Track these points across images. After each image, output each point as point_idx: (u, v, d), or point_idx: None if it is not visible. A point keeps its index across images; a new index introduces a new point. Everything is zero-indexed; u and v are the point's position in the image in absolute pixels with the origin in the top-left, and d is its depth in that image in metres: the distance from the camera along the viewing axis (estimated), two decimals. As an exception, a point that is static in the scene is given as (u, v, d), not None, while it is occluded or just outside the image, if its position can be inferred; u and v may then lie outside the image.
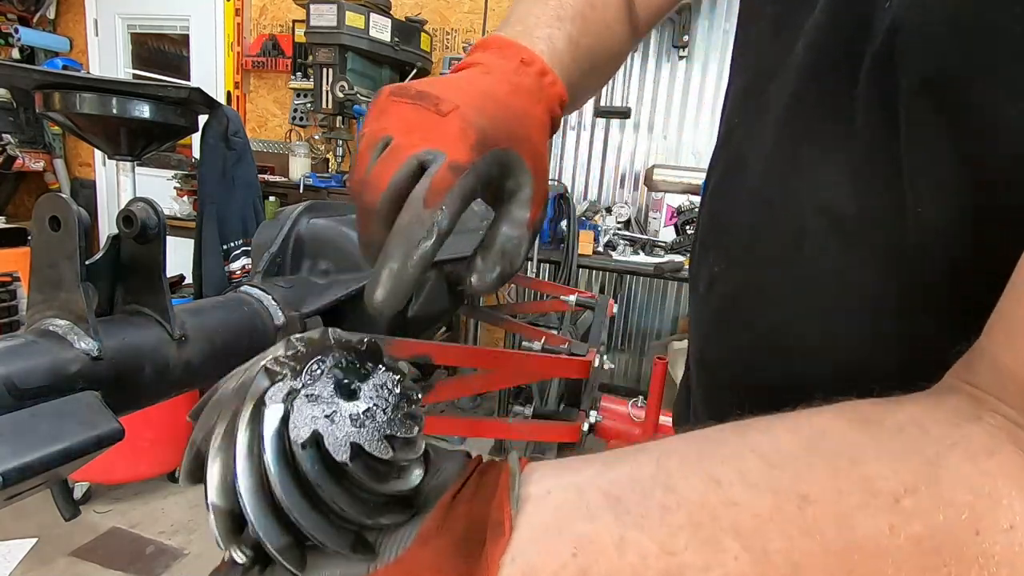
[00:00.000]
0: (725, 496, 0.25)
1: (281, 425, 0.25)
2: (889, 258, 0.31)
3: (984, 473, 0.22)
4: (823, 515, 0.23)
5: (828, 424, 0.26)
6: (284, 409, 0.25)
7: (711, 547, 0.24)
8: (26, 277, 0.64)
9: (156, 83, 1.65)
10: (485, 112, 0.35)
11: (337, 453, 0.25)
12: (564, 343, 0.61)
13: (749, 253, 0.39)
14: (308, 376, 0.27)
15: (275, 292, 0.46)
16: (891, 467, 0.23)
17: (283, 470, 0.25)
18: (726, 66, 2.87)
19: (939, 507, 0.22)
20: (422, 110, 0.35)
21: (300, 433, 0.25)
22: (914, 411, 0.26)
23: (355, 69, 2.74)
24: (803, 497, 0.24)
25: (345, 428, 0.26)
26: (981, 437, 0.23)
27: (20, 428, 0.25)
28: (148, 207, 0.32)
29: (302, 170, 3.12)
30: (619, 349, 3.31)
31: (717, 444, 0.27)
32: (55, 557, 1.89)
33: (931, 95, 0.28)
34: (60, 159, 4.08)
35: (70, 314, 0.30)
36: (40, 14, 3.96)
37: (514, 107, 0.38)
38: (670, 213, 2.74)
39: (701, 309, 0.45)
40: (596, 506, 0.26)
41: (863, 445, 0.24)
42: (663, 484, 0.26)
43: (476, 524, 0.27)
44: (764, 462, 0.25)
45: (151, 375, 0.34)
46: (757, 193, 0.39)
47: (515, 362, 0.54)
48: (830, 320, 0.34)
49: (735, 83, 0.45)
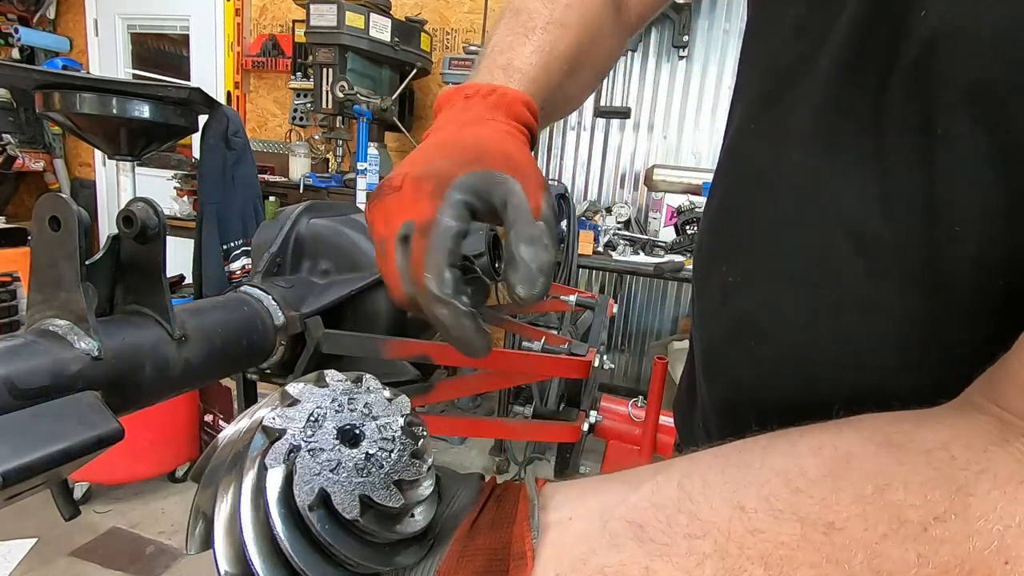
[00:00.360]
0: (750, 524, 0.24)
1: (285, 486, 0.24)
2: (919, 282, 0.30)
3: (1013, 501, 0.22)
4: (850, 543, 0.23)
5: (853, 447, 0.26)
6: (287, 470, 0.25)
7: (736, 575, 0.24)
8: (26, 277, 0.64)
9: (156, 83, 1.65)
10: (431, 159, 0.38)
11: (346, 511, 0.24)
12: (564, 343, 0.61)
13: (769, 270, 0.38)
14: (308, 428, 0.26)
15: (275, 292, 0.46)
16: (919, 494, 0.23)
17: (293, 533, 0.24)
18: (726, 66, 2.88)
19: (968, 536, 0.22)
20: (382, 197, 0.38)
21: (306, 494, 0.24)
22: (940, 432, 0.25)
23: (355, 69, 2.74)
24: (829, 524, 0.23)
25: (352, 480, 0.25)
26: (1010, 464, 0.23)
27: (20, 428, 0.25)
28: (148, 207, 0.32)
29: (302, 170, 3.12)
30: (619, 349, 3.31)
31: (740, 467, 0.27)
32: (55, 557, 1.89)
33: (972, 107, 0.27)
34: (60, 159, 4.08)
35: (70, 314, 0.30)
36: (40, 14, 3.96)
37: (463, 136, 0.40)
38: (670, 213, 2.73)
39: (712, 320, 0.44)
40: (619, 534, 0.26)
41: (890, 471, 0.24)
42: (687, 511, 0.26)
43: (497, 556, 0.27)
44: (789, 488, 0.25)
45: (151, 375, 0.34)
46: (779, 210, 0.38)
47: (515, 362, 0.54)
48: (855, 342, 0.33)
49: (749, 87, 0.44)
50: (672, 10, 2.85)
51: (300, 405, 0.27)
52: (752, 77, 0.44)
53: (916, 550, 0.22)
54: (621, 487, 0.29)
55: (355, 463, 0.26)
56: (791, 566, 0.23)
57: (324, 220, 0.55)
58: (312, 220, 0.55)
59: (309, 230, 0.55)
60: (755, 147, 0.41)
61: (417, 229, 0.34)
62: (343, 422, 0.27)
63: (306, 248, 0.55)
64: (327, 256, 0.54)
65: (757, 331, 0.39)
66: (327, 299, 0.50)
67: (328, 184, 2.97)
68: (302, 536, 0.24)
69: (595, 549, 0.26)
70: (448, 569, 0.26)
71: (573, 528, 0.27)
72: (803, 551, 0.23)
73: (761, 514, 0.24)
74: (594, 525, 0.27)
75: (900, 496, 0.23)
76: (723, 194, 0.45)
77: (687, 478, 0.27)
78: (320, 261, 0.55)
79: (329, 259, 0.54)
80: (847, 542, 0.23)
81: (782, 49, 0.40)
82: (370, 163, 2.70)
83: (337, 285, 0.52)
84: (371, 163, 2.74)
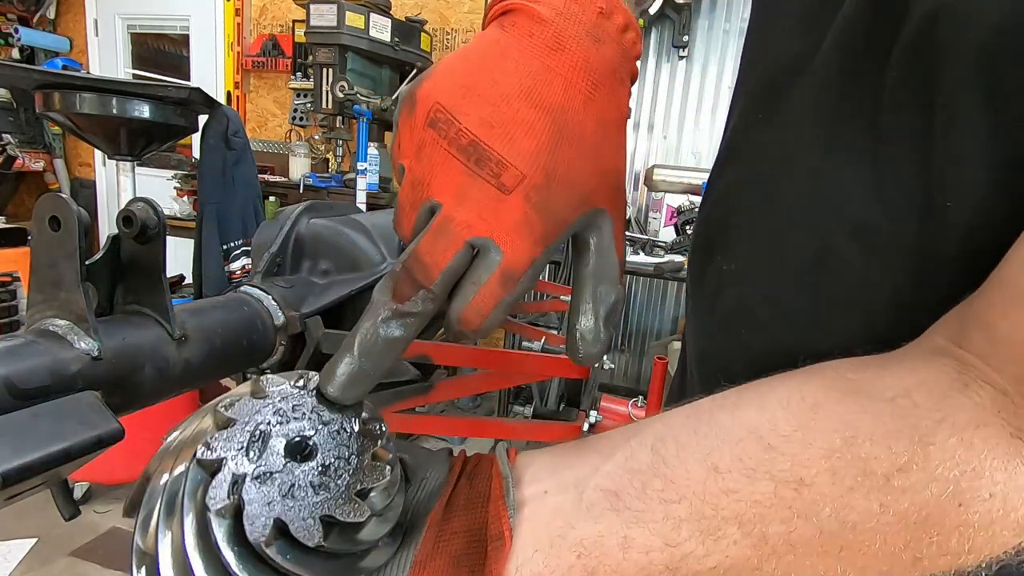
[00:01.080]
0: (725, 484, 0.25)
1: (234, 523, 0.22)
2: (910, 264, 0.31)
3: (969, 448, 0.23)
4: (819, 498, 0.24)
5: (819, 397, 0.26)
6: (232, 505, 0.22)
7: (712, 535, 0.25)
8: (26, 277, 0.64)
9: (156, 83, 1.65)
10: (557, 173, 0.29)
11: (308, 539, 0.22)
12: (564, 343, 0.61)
13: (765, 262, 0.38)
14: (252, 450, 0.23)
15: (275, 292, 0.46)
16: (884, 446, 0.24)
17: (251, 568, 0.22)
18: (726, 66, 2.88)
19: (927, 484, 0.23)
20: (476, 178, 0.28)
21: (260, 530, 0.22)
22: (903, 378, 0.26)
23: (355, 69, 2.74)
24: (800, 481, 0.24)
25: (309, 501, 0.23)
26: (968, 410, 0.24)
27: (20, 428, 0.25)
28: (148, 207, 0.32)
29: (302, 170, 3.12)
30: (619, 349, 3.31)
31: (712, 425, 0.27)
32: (55, 557, 1.89)
33: (975, 79, 0.27)
34: (60, 159, 4.08)
35: (70, 314, 0.30)
36: (40, 14, 3.96)
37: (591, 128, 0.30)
38: (670, 213, 2.73)
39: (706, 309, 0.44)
40: (596, 504, 0.26)
41: (856, 421, 0.25)
42: (662, 475, 0.26)
43: (474, 537, 0.26)
44: (761, 445, 0.26)
45: (151, 375, 0.34)
46: (776, 200, 0.37)
47: (515, 362, 0.54)
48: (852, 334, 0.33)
49: (752, 78, 0.43)
50: (672, 10, 2.85)
51: (238, 425, 0.24)
52: (754, 72, 0.44)
53: (879, 500, 0.24)
54: (594, 455, 0.28)
55: (310, 480, 0.23)
56: (764, 523, 0.24)
57: (324, 220, 0.55)
58: (312, 220, 0.55)
59: (309, 230, 0.55)
60: (755, 139, 0.41)
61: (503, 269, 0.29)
62: (291, 434, 0.24)
63: (306, 248, 0.55)
64: (327, 256, 0.54)
65: (750, 320, 0.39)
66: (327, 299, 0.50)
67: (328, 184, 2.97)
68: (259, 569, 0.22)
69: (572, 522, 0.26)
70: (425, 557, 0.26)
71: (549, 502, 0.27)
72: (775, 508, 0.24)
73: (735, 474, 0.25)
74: (570, 497, 0.27)
75: (866, 449, 0.24)
76: (722, 187, 0.45)
77: (660, 442, 0.27)
78: (320, 261, 0.55)
79: (329, 259, 0.54)
80: (816, 497, 0.24)
81: (785, 44, 0.40)
82: (370, 163, 2.70)
83: (337, 285, 0.52)
84: (371, 163, 2.74)
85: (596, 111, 0.30)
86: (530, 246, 0.29)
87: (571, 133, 0.30)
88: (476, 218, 0.28)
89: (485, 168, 0.28)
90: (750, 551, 0.25)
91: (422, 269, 0.28)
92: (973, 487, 0.23)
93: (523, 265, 0.29)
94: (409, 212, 0.30)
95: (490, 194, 0.28)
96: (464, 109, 0.29)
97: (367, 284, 0.52)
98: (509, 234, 0.28)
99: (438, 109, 0.29)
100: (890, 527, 0.24)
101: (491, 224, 0.28)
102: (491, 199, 0.28)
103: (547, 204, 0.29)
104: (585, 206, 0.31)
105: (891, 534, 0.24)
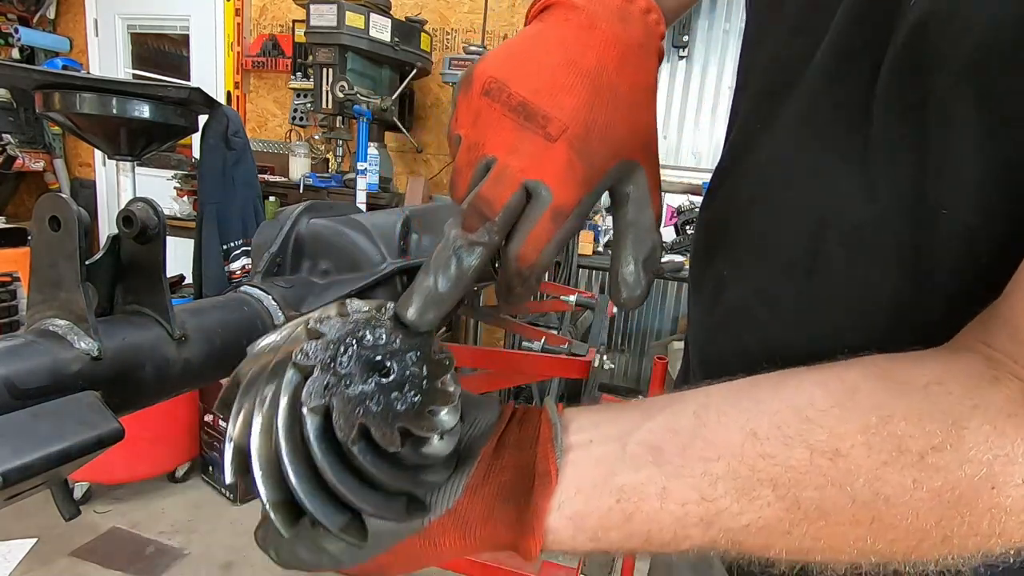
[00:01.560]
0: (762, 449, 0.26)
1: (323, 421, 0.25)
2: (909, 265, 0.31)
3: (1002, 435, 0.24)
4: (854, 468, 0.25)
5: (858, 381, 0.28)
6: (323, 406, 0.25)
7: (747, 495, 0.26)
8: (26, 277, 0.64)
9: (156, 83, 1.65)
10: (595, 126, 0.33)
11: (386, 444, 0.25)
12: (564, 343, 0.61)
13: (761, 262, 0.39)
14: (339, 364, 0.26)
15: (275, 292, 0.46)
16: (918, 426, 0.25)
17: (334, 462, 0.25)
18: (726, 66, 2.88)
19: (960, 465, 0.24)
20: (526, 132, 0.33)
21: (346, 429, 0.25)
22: (936, 370, 0.27)
23: (355, 69, 2.74)
24: (836, 451, 0.25)
25: (388, 411, 0.26)
26: (1000, 400, 0.25)
27: (20, 428, 0.25)
28: (148, 207, 0.32)
29: (302, 170, 3.12)
30: (619, 349, 3.31)
31: (752, 399, 0.29)
32: (55, 557, 1.89)
33: (966, 84, 0.28)
34: (60, 159, 4.08)
35: (70, 314, 0.30)
36: (40, 14, 3.96)
37: (623, 92, 0.34)
38: (670, 213, 2.74)
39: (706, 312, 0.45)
40: (638, 457, 0.28)
41: (891, 404, 0.26)
42: (703, 437, 0.28)
43: (521, 472, 0.29)
44: (799, 417, 0.27)
45: (151, 375, 0.34)
46: (773, 203, 0.38)
47: (515, 362, 0.54)
48: (845, 332, 0.34)
49: (752, 84, 0.44)
50: (672, 10, 2.85)
51: (326, 340, 0.27)
52: (753, 76, 0.44)
53: (912, 476, 0.25)
54: (638, 415, 0.30)
55: (389, 395, 0.26)
56: (798, 488, 0.26)
57: (324, 220, 0.55)
58: (312, 220, 0.55)
59: (309, 230, 0.55)
60: (754, 146, 0.42)
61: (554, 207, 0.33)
62: (372, 353, 0.27)
63: (306, 248, 0.55)
64: (327, 256, 0.54)
65: (748, 321, 0.40)
66: (327, 299, 0.50)
67: (328, 184, 2.97)
68: (344, 468, 0.25)
69: (615, 470, 0.28)
70: (476, 483, 0.28)
71: (594, 451, 0.29)
72: (810, 475, 0.25)
73: (773, 441, 0.26)
74: (614, 448, 0.29)
75: (901, 427, 0.25)
76: (722, 194, 0.45)
77: (702, 408, 0.29)
78: (320, 261, 0.55)
79: (329, 259, 0.54)
80: (851, 467, 0.25)
81: (782, 48, 0.40)
82: (370, 163, 2.70)
83: (337, 285, 0.52)
84: (371, 163, 2.74)
85: (627, 76, 0.35)
86: (575, 187, 0.33)
87: (606, 94, 0.34)
88: (528, 165, 0.33)
89: (533, 122, 0.33)
90: (783, 513, 0.26)
91: (486, 205, 0.32)
92: (1006, 471, 0.24)
93: (570, 204, 0.32)
94: (466, 172, 0.34)
95: (538, 144, 0.33)
96: (514, 78, 0.34)
97: (367, 284, 0.52)
98: (557, 177, 0.32)
99: (491, 80, 0.34)
100: (923, 503, 0.24)
101: (541, 169, 0.32)
102: (539, 148, 0.33)
103: (587, 151, 0.33)
104: (621, 156, 0.34)
105: (923, 510, 0.24)
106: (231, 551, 2.01)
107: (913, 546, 0.25)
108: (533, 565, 1.67)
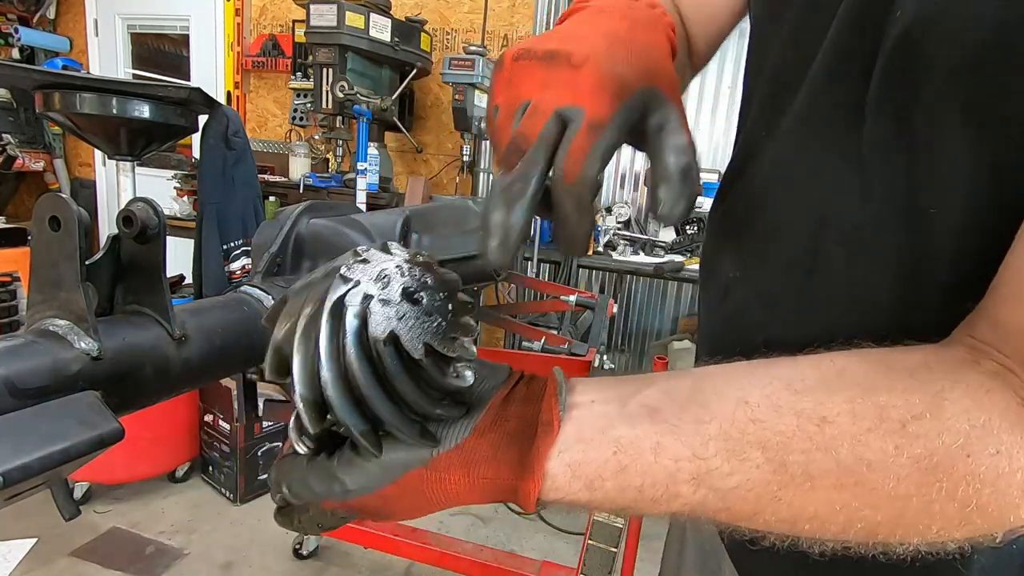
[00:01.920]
0: (753, 415, 0.28)
1: (360, 325, 0.28)
2: (906, 265, 0.32)
3: (980, 406, 0.26)
4: (839, 434, 0.26)
5: (847, 363, 0.29)
6: (362, 311, 0.28)
7: (737, 456, 0.27)
8: (26, 277, 0.64)
9: (156, 83, 1.65)
10: (616, 57, 0.35)
11: (413, 351, 0.28)
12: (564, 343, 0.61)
13: (764, 264, 0.40)
14: (379, 283, 0.29)
15: (275, 292, 0.46)
16: (902, 397, 0.26)
17: (364, 365, 0.28)
18: (726, 66, 2.88)
19: (939, 433, 0.25)
20: (554, 67, 0.35)
21: (380, 332, 0.28)
22: (922, 356, 0.29)
23: (355, 69, 2.74)
24: (822, 419, 0.27)
25: (417, 329, 0.29)
26: (980, 378, 0.27)
27: (20, 428, 0.25)
28: (148, 207, 0.32)
29: (302, 170, 3.12)
30: (619, 349, 3.30)
31: (748, 374, 0.31)
32: (55, 557, 1.89)
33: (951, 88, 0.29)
34: (60, 159, 4.08)
35: (70, 314, 0.30)
36: (40, 14, 3.96)
37: (639, 41, 0.37)
38: (670, 213, 2.73)
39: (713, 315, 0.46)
40: (636, 415, 0.30)
41: (877, 380, 0.28)
42: (698, 401, 0.30)
43: (526, 423, 0.31)
44: (789, 390, 0.28)
45: (151, 375, 0.34)
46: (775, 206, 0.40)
47: (515, 362, 0.54)
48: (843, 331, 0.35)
49: (758, 90, 0.46)
50: (672, 10, 2.85)
51: (370, 265, 0.30)
52: (758, 82, 0.46)
53: (894, 442, 0.26)
54: (639, 383, 0.32)
55: (418, 316, 0.29)
56: (785, 451, 0.27)
57: (324, 220, 0.55)
58: (312, 220, 0.55)
59: (309, 230, 0.55)
60: (758, 149, 0.43)
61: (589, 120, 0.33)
62: (406, 284, 0.30)
63: (306, 248, 0.55)
64: (327, 256, 0.54)
65: (751, 322, 0.41)
66: (327, 299, 0.50)
67: (328, 184, 2.97)
68: (371, 371, 0.28)
69: (614, 424, 0.30)
70: (484, 427, 0.31)
71: (595, 408, 0.31)
72: (797, 439, 0.27)
73: (763, 408, 0.28)
74: (614, 407, 0.31)
75: (884, 398, 0.27)
76: (731, 196, 0.47)
77: (699, 380, 0.31)
78: (320, 261, 0.55)
79: (329, 259, 0.54)
80: (836, 433, 0.27)
81: (783, 51, 0.42)
82: (370, 163, 2.70)
83: (337, 285, 0.52)
84: (371, 163, 2.74)
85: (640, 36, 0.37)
86: (608, 100, 0.33)
87: (621, 43, 0.36)
88: (559, 94, 0.34)
89: (559, 59, 0.35)
90: (771, 476, 0.27)
91: (523, 139, 0.34)
92: (982, 441, 0.25)
93: (605, 115, 0.33)
94: (505, 128, 0.36)
95: (566, 74, 0.34)
96: (539, 42, 0.37)
97: (367, 284, 0.52)
98: (588, 95, 0.33)
99: (520, 49, 0.37)
100: (903, 468, 0.26)
101: (572, 94, 0.34)
102: (568, 76, 0.34)
103: (614, 72, 0.34)
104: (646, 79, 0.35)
105: (903, 475, 0.26)
106: (231, 551, 2.01)
107: (896, 515, 0.26)
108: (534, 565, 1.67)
